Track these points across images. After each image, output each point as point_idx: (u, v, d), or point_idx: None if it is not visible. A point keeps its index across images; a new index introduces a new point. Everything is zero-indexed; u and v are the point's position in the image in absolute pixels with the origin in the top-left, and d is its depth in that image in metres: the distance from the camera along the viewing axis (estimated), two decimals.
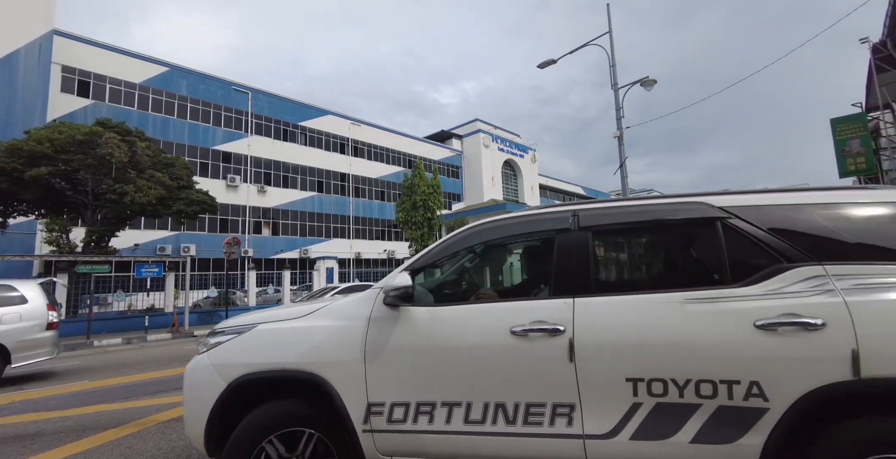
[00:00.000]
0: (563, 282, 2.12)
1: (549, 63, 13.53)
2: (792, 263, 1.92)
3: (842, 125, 12.70)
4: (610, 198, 2.62)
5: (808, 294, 1.84)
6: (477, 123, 46.96)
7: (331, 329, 2.27)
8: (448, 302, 2.42)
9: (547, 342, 1.97)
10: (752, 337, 1.80)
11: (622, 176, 12.01)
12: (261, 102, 30.96)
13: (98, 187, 15.13)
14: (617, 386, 1.88)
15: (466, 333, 2.10)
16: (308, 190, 32.72)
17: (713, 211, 2.10)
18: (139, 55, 26.02)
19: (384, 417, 2.08)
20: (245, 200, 29.02)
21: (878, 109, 14.52)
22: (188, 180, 17.90)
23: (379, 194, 37.78)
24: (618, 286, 2.22)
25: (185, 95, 27.46)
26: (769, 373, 1.77)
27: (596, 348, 1.92)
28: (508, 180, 48.73)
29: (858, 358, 1.70)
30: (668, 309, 1.93)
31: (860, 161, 12.12)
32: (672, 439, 1.80)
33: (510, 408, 1.97)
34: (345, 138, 35.79)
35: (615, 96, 12.29)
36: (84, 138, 14.63)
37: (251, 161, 29.84)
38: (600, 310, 2.00)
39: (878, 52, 11.30)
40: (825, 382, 1.71)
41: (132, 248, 22.80)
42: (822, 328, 1.75)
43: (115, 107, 24.21)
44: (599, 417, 1.89)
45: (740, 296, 1.90)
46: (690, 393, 1.82)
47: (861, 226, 2.02)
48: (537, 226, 2.42)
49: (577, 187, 60.82)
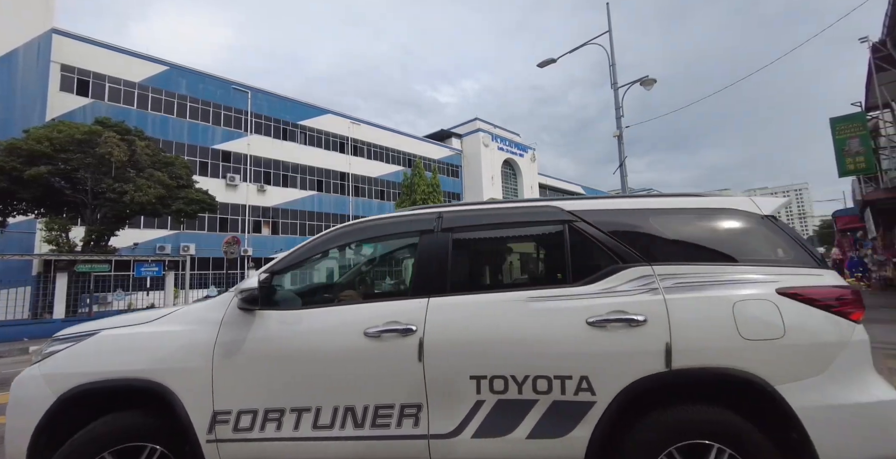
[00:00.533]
0: (421, 282, 2.16)
1: (548, 62, 13.52)
2: (626, 263, 2.06)
3: (841, 125, 12.70)
4: (475, 201, 2.66)
5: (636, 293, 1.98)
6: (476, 123, 46.91)
7: (178, 335, 2.16)
8: (311, 305, 2.38)
9: (398, 343, 1.97)
10: (584, 334, 1.91)
11: (622, 175, 12.01)
12: (260, 102, 30.91)
13: (97, 186, 15.11)
14: (462, 385, 1.92)
15: (318, 336, 2.06)
16: (308, 189, 32.70)
17: (563, 215, 2.23)
18: (138, 54, 25.96)
19: (230, 426, 2.00)
20: (245, 199, 28.99)
21: (877, 109, 14.53)
22: (188, 179, 17.88)
23: (379, 193, 37.76)
24: (472, 286, 2.26)
25: (185, 95, 27.41)
26: (597, 368, 1.89)
27: (443, 347, 1.95)
28: (508, 180, 48.71)
29: (671, 351, 1.86)
30: (512, 308, 2.01)
31: (859, 160, 12.12)
32: (511, 435, 1.86)
33: (359, 411, 1.95)
34: (344, 137, 35.75)
35: (615, 96, 12.28)
36: (83, 137, 14.60)
37: (251, 160, 29.81)
38: (451, 309, 2.04)
39: (877, 52, 11.30)
40: (642, 374, 1.85)
41: (132, 247, 22.78)
42: (644, 323, 1.90)
43: (114, 106, 24.16)
44: (444, 416, 1.91)
45: (577, 295, 2.01)
46: (528, 389, 1.89)
47: (686, 230, 2.19)
48: (403, 227, 2.44)
49: (577, 187, 60.80)
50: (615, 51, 12.30)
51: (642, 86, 12.85)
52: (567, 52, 13.49)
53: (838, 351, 1.89)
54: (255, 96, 30.57)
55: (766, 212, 2.20)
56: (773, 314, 1.89)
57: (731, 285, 1.97)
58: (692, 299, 1.94)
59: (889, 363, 5.60)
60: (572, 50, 13.39)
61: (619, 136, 12.02)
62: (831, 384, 1.85)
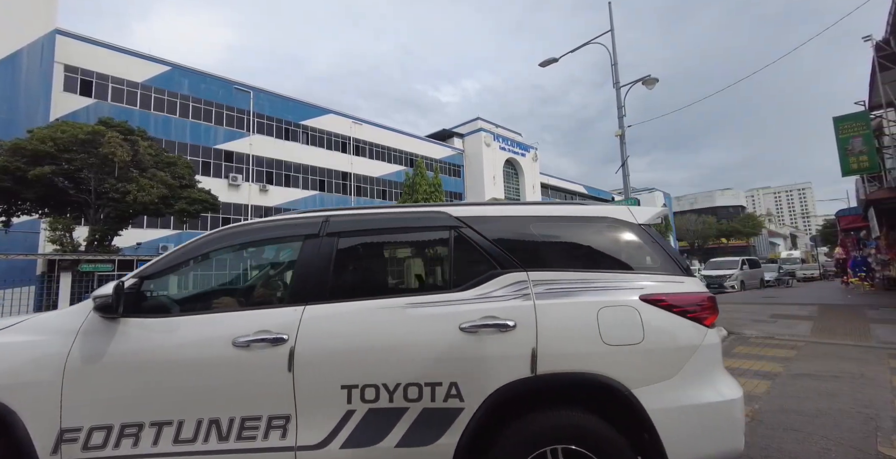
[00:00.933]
0: (299, 289, 2.09)
1: (550, 61, 13.50)
2: (504, 269, 2.07)
3: (844, 124, 12.65)
4: (365, 207, 2.60)
5: (509, 298, 2.00)
6: (478, 122, 46.89)
7: (26, 346, 1.97)
8: (184, 312, 2.26)
9: (268, 353, 1.90)
10: (456, 340, 1.91)
11: (624, 175, 11.98)
12: (262, 102, 30.97)
13: (101, 186, 15.18)
14: (332, 394, 1.87)
15: (184, 346, 1.95)
16: (310, 189, 32.75)
17: (450, 221, 2.22)
18: (141, 54, 26.05)
19: (79, 444, 1.84)
20: (247, 199, 29.06)
21: (881, 108, 14.46)
22: (190, 179, 17.93)
23: (381, 192, 37.79)
24: (353, 293, 2.18)
25: (187, 95, 27.49)
26: (466, 374, 1.88)
27: (315, 356, 1.90)
28: (510, 179, 48.67)
29: (536, 356, 1.88)
30: (389, 315, 1.98)
31: (863, 160, 12.07)
32: (380, 444, 1.83)
33: (224, 424, 1.86)
34: (346, 137, 35.79)
35: (617, 95, 12.25)
36: (87, 138, 14.66)
37: (253, 160, 29.88)
38: (327, 317, 1.98)
39: (881, 50, 11.26)
40: (508, 380, 1.86)
41: (135, 247, 22.87)
42: (513, 329, 1.91)
43: (117, 106, 24.25)
44: (313, 427, 1.86)
45: (454, 300, 2.00)
46: (399, 398, 1.87)
47: (564, 237, 2.27)
48: (286, 231, 2.35)
49: (579, 186, 60.70)
50: (618, 50, 12.28)
51: (644, 85, 12.83)
52: (569, 52, 13.47)
53: (690, 355, 1.98)
54: (257, 96, 30.64)
55: (640, 221, 2.27)
56: (634, 319, 1.96)
57: (599, 291, 2.03)
58: (560, 304, 1.98)
59: (892, 363, 5.59)
60: (574, 49, 13.37)
61: (622, 135, 12.00)
62: (682, 386, 1.94)
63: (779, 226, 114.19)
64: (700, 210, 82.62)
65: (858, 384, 4.59)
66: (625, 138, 11.87)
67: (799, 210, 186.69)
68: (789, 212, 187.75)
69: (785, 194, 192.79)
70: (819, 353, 6.31)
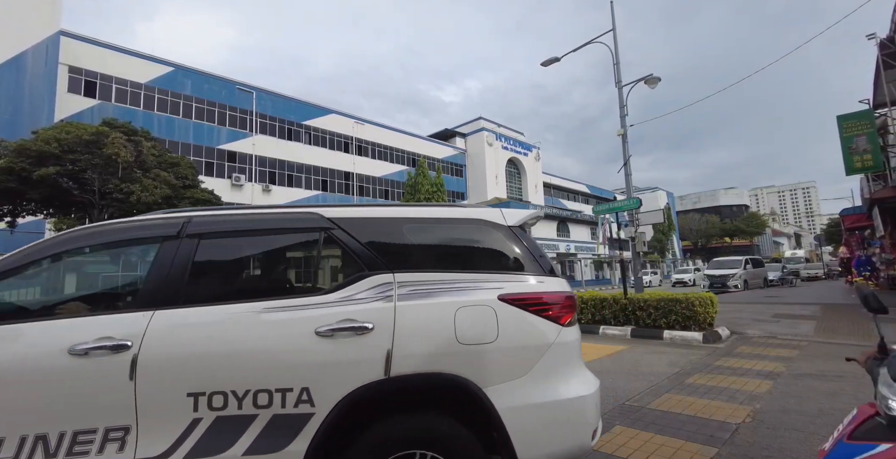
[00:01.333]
0: (150, 293, 1.97)
1: (552, 61, 13.49)
2: (371, 271, 2.05)
3: (848, 122, 12.57)
4: (233, 207, 2.50)
5: (370, 300, 1.97)
6: (480, 122, 46.86)
7: None
8: (22, 319, 2.05)
9: (108, 360, 1.78)
10: (310, 344, 1.86)
11: (626, 174, 11.97)
12: (265, 102, 31.06)
13: (104, 187, 15.27)
14: (177, 402, 1.78)
15: (11, 355, 1.79)
16: (313, 189, 32.82)
17: (322, 222, 2.17)
18: (144, 55, 26.17)
19: None
20: (250, 199, 29.15)
21: (885, 106, 14.38)
22: (193, 179, 18.02)
23: (383, 192, 37.83)
24: (209, 298, 2.05)
25: (190, 95, 27.60)
26: (319, 378, 1.83)
27: (160, 363, 1.81)
28: (512, 179, 48.62)
29: (391, 358, 1.85)
30: (243, 319, 1.90)
31: (867, 158, 12.00)
32: (227, 453, 1.76)
33: (53, 439, 1.71)
34: (349, 137, 35.85)
35: (619, 94, 12.23)
36: (91, 138, 14.75)
37: (256, 160, 29.97)
38: (178, 323, 1.89)
39: (885, 48, 11.19)
40: (361, 383, 1.82)
41: None
42: (370, 331, 1.88)
43: (121, 107, 24.37)
44: (155, 438, 1.76)
45: (316, 304, 1.95)
46: (248, 404, 1.80)
47: (434, 239, 2.27)
48: (142, 232, 2.21)
49: (582, 185, 60.56)
50: (619, 49, 12.27)
51: (647, 84, 12.80)
52: (571, 51, 13.46)
53: (542, 353, 1.99)
54: (259, 97, 30.72)
55: (510, 223, 2.30)
56: (490, 319, 1.97)
57: (460, 291, 2.02)
58: (420, 305, 1.97)
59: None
60: (576, 48, 13.35)
61: (624, 134, 11.98)
62: (532, 384, 1.95)
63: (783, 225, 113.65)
64: (703, 209, 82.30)
65: (860, 384, 4.58)
66: (626, 138, 11.85)
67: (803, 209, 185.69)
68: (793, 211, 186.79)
69: (789, 192, 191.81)
70: (821, 353, 6.30)
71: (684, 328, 7.72)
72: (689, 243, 71.31)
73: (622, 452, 2.99)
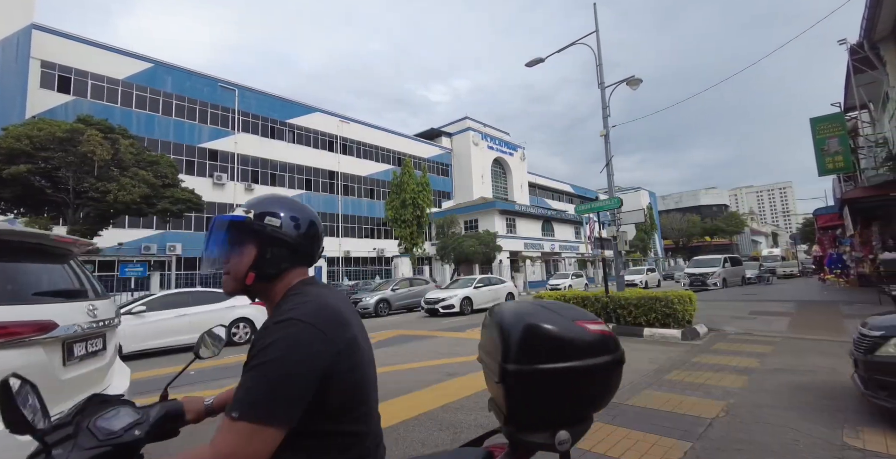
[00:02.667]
0: None
1: (536, 61, 13.58)
2: None
3: (821, 125, 12.97)
4: None
5: None
6: (466, 121, 46.94)
7: None
8: None
9: None
10: None
11: (608, 174, 12.12)
12: (248, 100, 30.58)
13: (80, 186, 14.85)
14: None
15: None
16: (296, 188, 32.45)
17: None
18: (122, 51, 25.50)
19: None
20: (232, 198, 28.67)
21: (855, 109, 14.89)
22: (173, 178, 17.64)
23: (368, 191, 37.61)
24: None
25: (171, 92, 27.00)
26: None
27: None
28: (498, 178, 48.84)
29: None
30: None
31: (838, 160, 12.40)
32: None
33: None
34: (333, 136, 35.53)
35: (602, 95, 12.39)
36: (65, 136, 14.32)
37: (238, 159, 29.49)
38: None
39: (855, 54, 11.57)
40: None
41: (117, 247, 22.41)
42: None
43: (97, 103, 23.71)
44: None
45: None
46: None
47: None
48: None
49: (567, 185, 61.16)
50: (604, 50, 12.42)
51: (629, 86, 12.98)
52: (554, 52, 13.57)
53: None
54: (242, 94, 30.24)
55: None
56: None
57: None
58: None
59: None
60: (559, 50, 13.47)
61: (606, 135, 12.13)
62: None
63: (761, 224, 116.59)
64: (685, 209, 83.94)
65: (830, 378, 4.74)
66: (609, 138, 12.01)
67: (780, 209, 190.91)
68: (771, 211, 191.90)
69: (767, 192, 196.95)
70: (795, 348, 6.49)
71: (664, 325, 7.88)
72: (671, 241, 72.67)
73: (600, 448, 3.04)
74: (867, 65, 11.65)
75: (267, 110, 31.56)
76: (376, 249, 35.77)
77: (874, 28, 10.21)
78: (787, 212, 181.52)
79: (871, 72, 11.78)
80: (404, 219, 24.87)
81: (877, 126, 14.45)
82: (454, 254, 28.69)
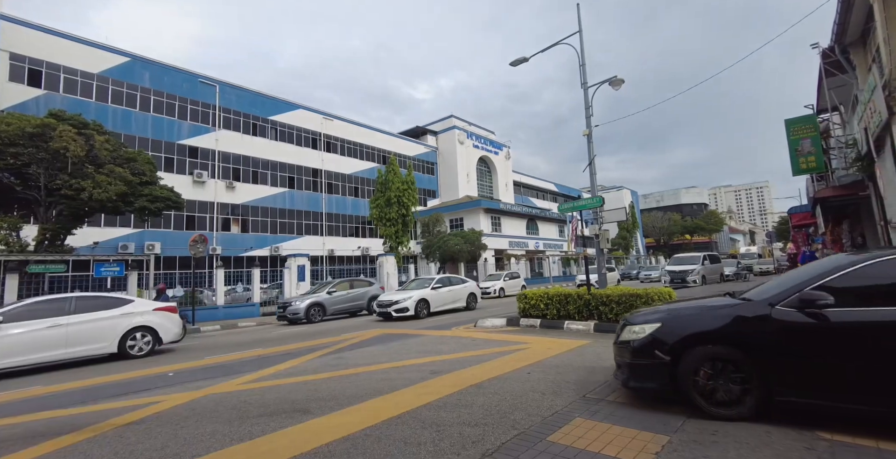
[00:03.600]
0: None
1: (520, 61, 13.66)
2: None
3: (795, 126, 13.37)
4: None
5: None
6: (452, 120, 46.94)
7: None
8: None
9: None
10: None
11: (591, 173, 12.28)
12: (229, 96, 30.00)
13: (52, 183, 14.35)
14: None
15: None
16: (279, 186, 32.00)
17: None
18: (96, 44, 24.73)
19: None
20: (213, 196, 28.13)
21: (827, 112, 15.38)
22: (151, 175, 17.19)
23: (352, 190, 37.32)
24: None
25: (148, 87, 26.32)
26: None
27: None
28: (483, 177, 49.01)
29: None
30: None
31: (811, 160, 12.80)
32: None
33: None
34: (317, 133, 35.13)
35: (585, 95, 12.53)
36: (35, 131, 13.81)
37: (219, 156, 28.92)
38: None
39: (827, 58, 11.94)
40: None
41: (92, 246, 21.76)
42: None
43: (70, 98, 22.97)
44: None
45: None
46: None
47: None
48: None
49: (551, 184, 61.73)
50: (587, 51, 12.57)
51: (611, 86, 13.16)
52: (538, 52, 13.67)
53: None
54: (223, 90, 29.65)
55: None
56: None
57: None
58: None
59: None
60: (543, 50, 13.57)
61: (589, 134, 12.28)
62: None
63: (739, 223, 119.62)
64: (666, 207, 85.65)
65: None
66: (591, 138, 12.16)
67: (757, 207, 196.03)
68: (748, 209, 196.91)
69: (745, 192, 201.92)
70: None
71: None
72: (653, 240, 74.05)
73: (580, 443, 3.09)
74: (838, 69, 12.03)
75: (248, 107, 31.02)
76: (361, 248, 35.54)
77: (844, 33, 10.55)
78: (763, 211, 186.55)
79: (841, 75, 12.17)
80: (389, 217, 24.75)
81: (847, 128, 14.97)
82: (439, 253, 28.70)
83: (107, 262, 15.05)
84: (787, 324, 3.23)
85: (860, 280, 3.17)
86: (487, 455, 2.97)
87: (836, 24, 10.44)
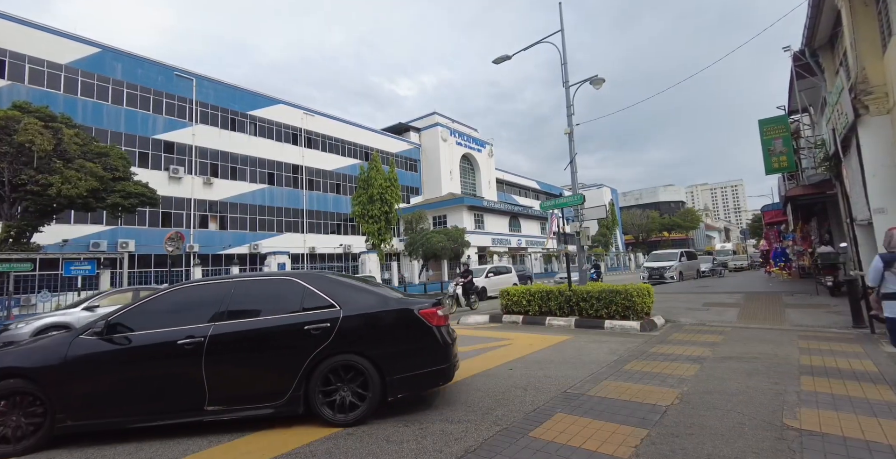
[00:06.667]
0: None
1: (503, 59, 13.67)
2: None
3: (768, 126, 13.76)
4: None
5: None
6: (435, 117, 46.79)
7: None
8: None
9: None
10: None
11: (572, 171, 12.41)
12: (206, 90, 29.21)
13: (16, 178, 13.76)
14: None
15: None
16: (258, 182, 31.38)
17: None
18: (64, 33, 23.71)
19: None
20: (190, 192, 27.40)
21: (798, 113, 15.89)
22: (125, 170, 16.65)
23: (334, 186, 36.87)
24: None
25: (121, 80, 25.39)
26: None
27: None
28: (466, 174, 49.05)
29: None
30: None
31: (782, 159, 13.21)
32: None
33: None
34: (297, 129, 34.55)
35: (566, 94, 12.63)
36: None
37: (196, 151, 28.17)
38: None
39: (798, 60, 12.32)
40: None
41: (61, 244, 20.96)
42: None
43: (36, 89, 22.01)
44: None
45: None
46: None
47: None
48: None
49: (533, 182, 62.23)
50: (568, 50, 12.64)
51: (592, 85, 13.29)
52: (521, 50, 13.71)
53: None
54: (200, 84, 28.85)
55: None
56: None
57: None
58: None
59: (802, 344, 6.21)
60: (526, 48, 13.62)
61: (570, 133, 12.40)
62: None
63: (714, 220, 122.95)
64: (644, 205, 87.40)
65: (772, 364, 5.07)
66: (573, 136, 12.27)
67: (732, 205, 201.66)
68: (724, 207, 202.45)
69: (720, 190, 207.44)
70: (743, 337, 6.90)
71: (624, 317, 8.18)
72: (632, 237, 75.50)
73: (561, 438, 3.13)
74: (808, 71, 12.44)
75: (227, 101, 30.28)
76: (343, 245, 35.20)
77: (814, 37, 10.91)
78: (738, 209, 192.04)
79: (811, 78, 12.59)
80: (372, 214, 24.57)
81: (816, 128, 15.51)
82: (422, 250, 28.65)
83: (77, 260, 14.51)
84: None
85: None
86: (470, 451, 2.98)
87: (806, 29, 10.78)
